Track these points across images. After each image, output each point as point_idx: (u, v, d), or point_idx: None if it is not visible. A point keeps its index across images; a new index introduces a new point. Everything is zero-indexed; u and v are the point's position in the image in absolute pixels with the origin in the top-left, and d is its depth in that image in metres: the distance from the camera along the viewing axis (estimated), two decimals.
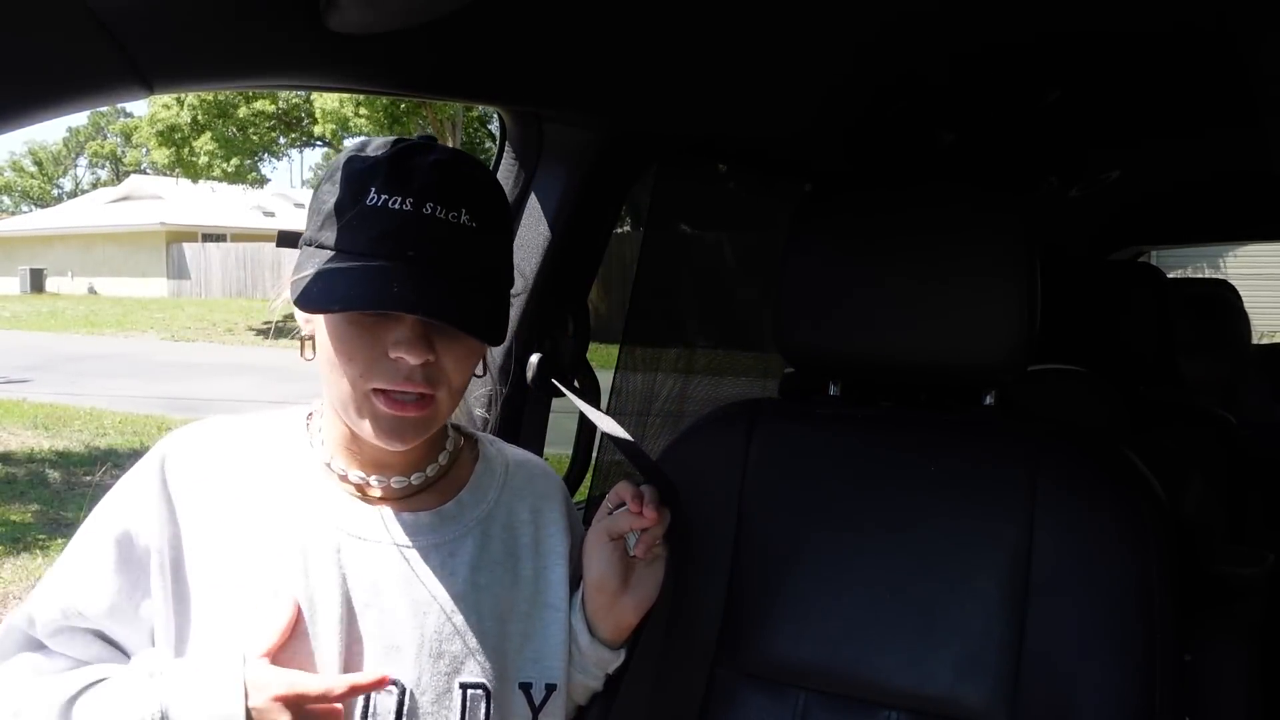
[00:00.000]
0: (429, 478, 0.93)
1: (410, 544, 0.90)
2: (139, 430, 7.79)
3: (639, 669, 0.98)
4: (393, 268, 0.79)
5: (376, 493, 0.92)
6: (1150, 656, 0.89)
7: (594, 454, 1.52)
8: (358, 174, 0.82)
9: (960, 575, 0.97)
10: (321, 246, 0.82)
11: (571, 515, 1.01)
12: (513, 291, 0.93)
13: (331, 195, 0.83)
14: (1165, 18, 1.28)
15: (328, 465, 0.91)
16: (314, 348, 0.87)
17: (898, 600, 0.99)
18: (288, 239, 0.90)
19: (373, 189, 0.81)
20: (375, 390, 0.83)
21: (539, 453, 1.32)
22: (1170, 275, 2.21)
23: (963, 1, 1.20)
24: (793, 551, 1.04)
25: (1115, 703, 0.89)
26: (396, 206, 0.80)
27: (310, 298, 0.80)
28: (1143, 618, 0.90)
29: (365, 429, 0.85)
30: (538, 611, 0.95)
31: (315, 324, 0.87)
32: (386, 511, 0.91)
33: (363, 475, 0.91)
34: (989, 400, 1.08)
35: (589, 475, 1.53)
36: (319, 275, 0.80)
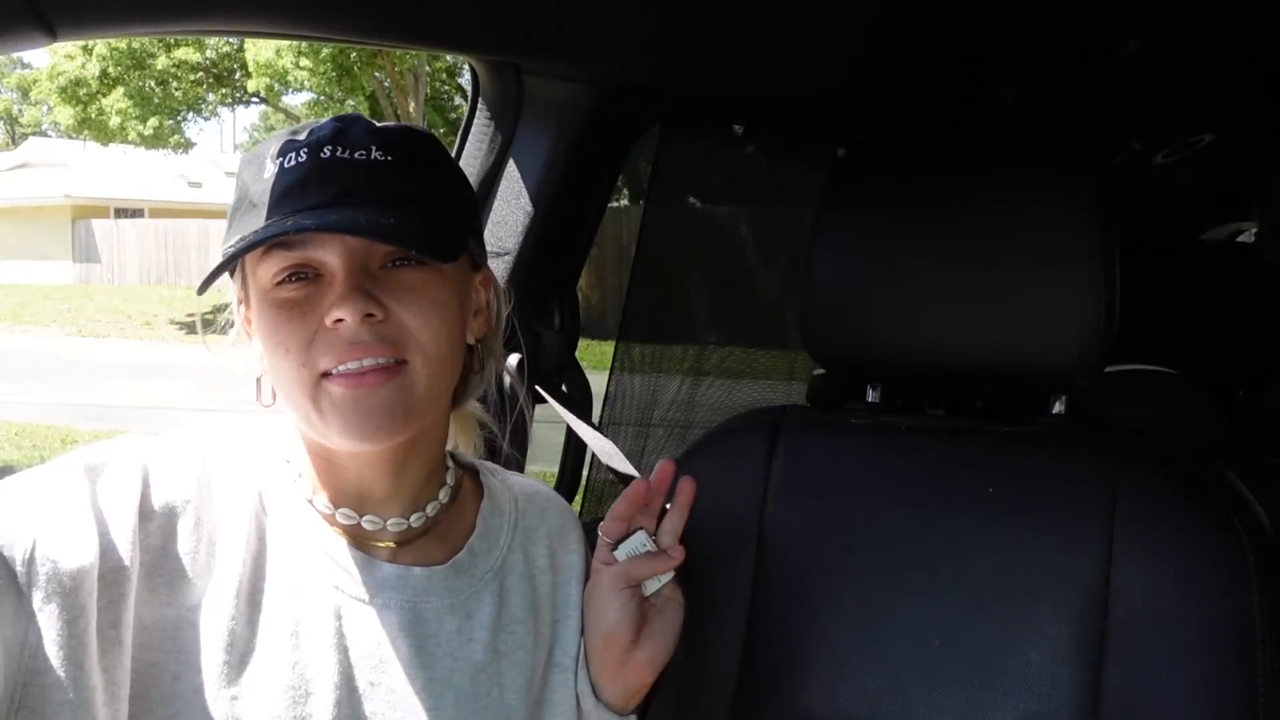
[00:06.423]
0: (430, 518, 0.91)
1: (421, 606, 0.87)
2: (39, 443, 7.77)
3: None
4: (294, 217, 0.79)
5: (374, 539, 0.89)
6: (1252, 709, 0.89)
7: (585, 473, 1.52)
8: (253, 159, 0.85)
9: (1024, 617, 0.97)
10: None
11: (587, 556, 0.99)
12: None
13: (235, 195, 0.85)
14: None
15: (310, 503, 0.88)
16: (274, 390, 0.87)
17: (949, 647, 0.99)
18: None
19: (268, 161, 0.83)
20: (326, 375, 0.81)
21: (520, 472, 1.32)
22: None
23: None
24: (823, 588, 1.05)
25: None
26: (292, 164, 0.81)
27: (206, 279, 0.80)
28: (1243, 663, 0.90)
29: (332, 432, 0.82)
30: (546, 674, 0.94)
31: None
32: (391, 567, 0.88)
33: (352, 514, 0.88)
34: (1058, 408, 1.08)
35: (579, 497, 1.53)
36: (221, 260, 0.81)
